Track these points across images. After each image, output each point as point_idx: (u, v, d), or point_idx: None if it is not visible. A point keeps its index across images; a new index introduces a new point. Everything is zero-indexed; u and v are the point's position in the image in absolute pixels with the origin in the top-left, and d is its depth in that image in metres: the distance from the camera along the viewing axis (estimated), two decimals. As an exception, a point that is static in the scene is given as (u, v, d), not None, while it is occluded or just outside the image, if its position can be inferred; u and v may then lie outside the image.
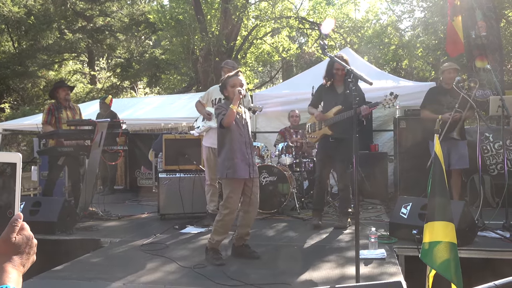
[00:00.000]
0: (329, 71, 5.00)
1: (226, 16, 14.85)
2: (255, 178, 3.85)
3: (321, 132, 5.01)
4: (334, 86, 5.03)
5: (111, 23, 20.44)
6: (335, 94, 4.99)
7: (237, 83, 3.74)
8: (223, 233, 3.78)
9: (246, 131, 3.81)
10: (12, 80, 17.77)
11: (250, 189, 3.80)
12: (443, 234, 2.29)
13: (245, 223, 3.87)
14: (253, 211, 3.88)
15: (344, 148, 4.93)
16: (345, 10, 18.49)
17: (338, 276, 3.32)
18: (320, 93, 5.17)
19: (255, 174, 3.82)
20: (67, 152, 5.63)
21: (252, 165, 3.77)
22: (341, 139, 4.87)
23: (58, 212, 4.75)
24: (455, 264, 2.26)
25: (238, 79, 3.76)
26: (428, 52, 14.29)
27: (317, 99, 5.21)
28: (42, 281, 3.28)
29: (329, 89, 5.05)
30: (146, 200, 7.34)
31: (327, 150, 5.01)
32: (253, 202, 3.84)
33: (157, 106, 10.60)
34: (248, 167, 3.73)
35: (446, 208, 2.34)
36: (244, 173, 3.72)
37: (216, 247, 3.79)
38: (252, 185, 3.81)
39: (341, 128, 4.83)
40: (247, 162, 3.74)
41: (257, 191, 3.87)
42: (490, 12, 7.77)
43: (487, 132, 6.12)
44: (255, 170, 3.84)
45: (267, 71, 26.30)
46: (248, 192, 3.81)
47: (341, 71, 4.85)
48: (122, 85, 21.60)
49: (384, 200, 6.72)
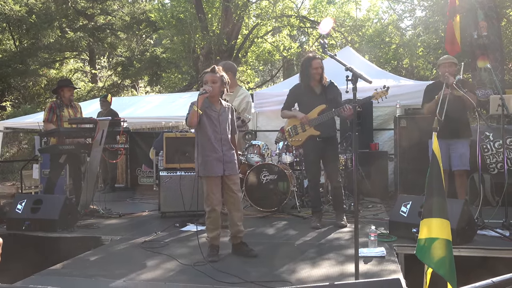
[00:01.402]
0: (306, 71, 4.85)
1: (227, 15, 14.87)
2: (232, 175, 3.81)
3: (306, 134, 4.94)
4: (311, 87, 4.90)
5: (112, 21, 20.49)
6: (314, 95, 4.87)
7: (207, 79, 3.72)
8: (214, 229, 3.79)
9: (223, 128, 3.77)
10: (13, 79, 17.82)
11: (228, 187, 3.81)
12: (439, 231, 2.30)
13: (232, 222, 3.87)
14: (235, 209, 3.86)
15: (332, 147, 4.94)
16: (346, 9, 18.48)
17: (338, 273, 3.34)
18: (294, 95, 5.04)
19: (231, 171, 3.78)
20: (68, 150, 5.64)
21: (227, 162, 3.75)
22: (327, 138, 4.86)
23: (59, 210, 4.77)
24: (449, 262, 2.27)
25: (208, 76, 3.73)
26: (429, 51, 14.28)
27: (292, 101, 5.08)
28: (43, 278, 3.30)
29: (306, 91, 4.92)
30: (147, 198, 7.35)
31: (316, 150, 4.96)
32: (233, 200, 3.84)
33: (158, 104, 10.62)
34: (221, 164, 3.73)
35: (442, 206, 2.35)
36: (216, 170, 3.72)
37: (213, 244, 3.81)
38: (230, 183, 3.80)
39: (327, 127, 4.83)
40: (220, 159, 3.73)
41: (235, 189, 3.83)
42: (491, 11, 7.79)
43: (487, 131, 6.12)
44: (232, 167, 3.80)
45: (268, 70, 26.32)
46: (227, 190, 3.83)
47: (319, 69, 4.78)
48: (123, 83, 21.64)
49: (384, 198, 6.73)
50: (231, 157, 3.82)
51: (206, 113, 3.75)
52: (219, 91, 3.80)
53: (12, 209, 4.92)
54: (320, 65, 4.81)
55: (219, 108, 3.82)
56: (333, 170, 5.05)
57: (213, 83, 3.73)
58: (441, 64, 5.19)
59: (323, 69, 4.84)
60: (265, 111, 8.53)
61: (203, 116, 3.73)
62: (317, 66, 4.79)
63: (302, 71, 4.95)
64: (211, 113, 3.77)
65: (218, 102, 3.85)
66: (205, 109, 3.75)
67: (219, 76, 3.75)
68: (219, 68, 3.82)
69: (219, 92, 3.80)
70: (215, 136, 3.75)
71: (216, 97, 3.81)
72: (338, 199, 5.09)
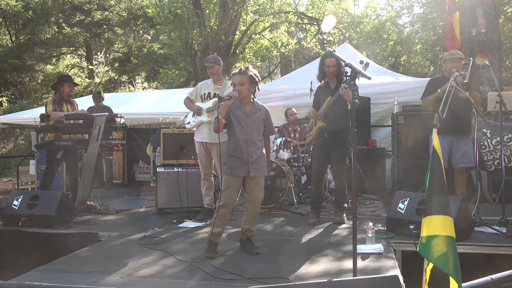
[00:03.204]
0: (321, 69, 4.96)
1: (225, 11, 14.83)
2: (257, 177, 3.79)
3: (316, 127, 4.99)
4: (328, 83, 4.98)
5: (109, 17, 20.38)
6: (329, 90, 4.93)
7: (235, 82, 3.72)
8: (219, 225, 3.77)
9: (250, 130, 3.76)
10: (9, 74, 17.72)
11: (250, 187, 3.80)
12: (441, 228, 2.29)
13: (246, 219, 3.87)
14: (252, 209, 3.85)
15: (340, 143, 4.93)
16: (344, 6, 18.49)
17: (336, 270, 3.34)
18: (317, 96, 5.11)
19: (256, 172, 3.77)
20: (65, 146, 5.62)
21: (253, 164, 3.74)
22: (335, 134, 4.86)
23: (56, 206, 4.75)
24: (454, 258, 2.26)
25: (236, 78, 3.73)
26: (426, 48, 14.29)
27: (317, 100, 5.13)
28: (40, 274, 3.28)
29: (324, 87, 5.01)
30: (144, 194, 7.34)
31: (323, 146, 4.99)
32: (253, 200, 3.83)
33: (155, 100, 10.60)
34: (246, 165, 3.72)
35: (444, 203, 2.35)
36: (240, 171, 3.72)
37: (213, 240, 3.79)
38: (252, 182, 3.80)
39: (332, 120, 4.83)
40: (245, 160, 3.72)
41: (258, 190, 3.81)
42: (490, 9, 7.79)
43: (485, 128, 6.13)
44: (258, 169, 3.78)
45: (265, 66, 26.28)
46: (249, 190, 3.83)
47: (332, 67, 4.83)
48: (120, 79, 21.58)
49: (382, 195, 6.74)
50: (258, 159, 3.79)
51: (235, 115, 3.74)
52: (249, 92, 3.76)
53: (8, 205, 4.89)
54: (333, 63, 4.83)
55: (249, 109, 3.80)
56: (337, 168, 5.04)
57: (241, 85, 3.69)
58: (448, 59, 5.05)
59: (337, 66, 4.83)
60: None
61: (232, 116, 3.73)
62: (330, 65, 4.83)
63: (318, 69, 5.01)
64: (240, 114, 3.75)
65: (250, 103, 3.81)
66: (234, 110, 3.74)
67: (247, 77, 3.71)
68: (247, 68, 3.77)
69: (249, 93, 3.76)
70: (242, 137, 3.73)
71: (247, 98, 3.77)
72: (339, 198, 5.09)
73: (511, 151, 6.05)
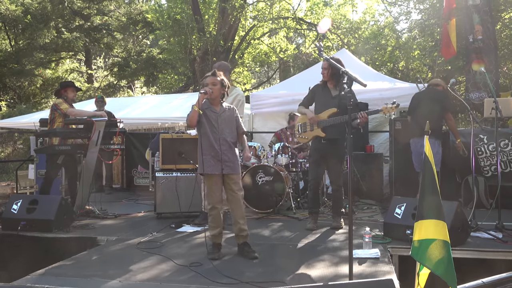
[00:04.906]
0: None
1: (224, 16, 14.90)
2: (232, 174, 3.89)
3: (313, 134, 5.00)
4: (328, 88, 5.01)
5: (109, 22, 20.46)
6: (329, 96, 4.95)
7: (208, 82, 3.91)
8: (215, 227, 3.88)
9: (221, 129, 3.89)
10: (8, 78, 17.75)
11: (229, 186, 3.90)
12: (433, 232, 2.33)
13: (234, 220, 3.94)
14: (237, 207, 3.92)
15: (337, 149, 4.96)
16: (343, 11, 18.55)
17: (332, 274, 3.36)
18: (313, 94, 5.14)
19: (230, 170, 3.87)
20: (65, 150, 5.64)
21: (226, 162, 3.84)
22: (333, 140, 4.90)
23: (55, 210, 4.77)
24: (448, 262, 2.30)
25: (209, 78, 3.92)
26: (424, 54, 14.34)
27: (310, 99, 5.17)
28: (39, 278, 3.30)
29: (324, 91, 5.02)
30: (143, 199, 7.35)
31: (320, 151, 5.01)
32: (234, 198, 3.91)
33: (154, 105, 10.61)
34: (220, 163, 3.82)
35: (437, 207, 2.38)
36: (214, 169, 3.83)
37: (214, 242, 3.88)
38: (230, 182, 3.89)
39: (333, 130, 4.86)
40: (219, 158, 3.83)
41: (236, 188, 3.90)
42: (486, 15, 7.85)
43: (481, 134, 6.18)
44: (231, 166, 3.88)
45: (264, 71, 26.38)
46: (228, 189, 3.93)
47: (323, 70, 4.92)
48: (119, 84, 21.60)
49: (379, 200, 6.77)
50: (231, 157, 3.90)
51: (206, 114, 3.90)
52: (219, 93, 3.95)
53: (7, 209, 4.91)
54: (325, 66, 4.92)
55: (218, 110, 3.95)
56: (335, 173, 5.07)
57: (214, 85, 3.89)
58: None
59: (332, 70, 4.85)
60: (261, 112, 8.57)
61: (203, 117, 3.88)
62: (322, 67, 4.95)
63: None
64: (210, 114, 3.91)
65: (219, 104, 3.98)
66: (205, 110, 3.90)
67: (219, 79, 3.92)
68: (220, 73, 4.00)
69: (219, 94, 3.95)
70: (214, 136, 3.87)
71: (216, 99, 3.95)
72: (336, 202, 5.10)
73: (507, 157, 6.09)
